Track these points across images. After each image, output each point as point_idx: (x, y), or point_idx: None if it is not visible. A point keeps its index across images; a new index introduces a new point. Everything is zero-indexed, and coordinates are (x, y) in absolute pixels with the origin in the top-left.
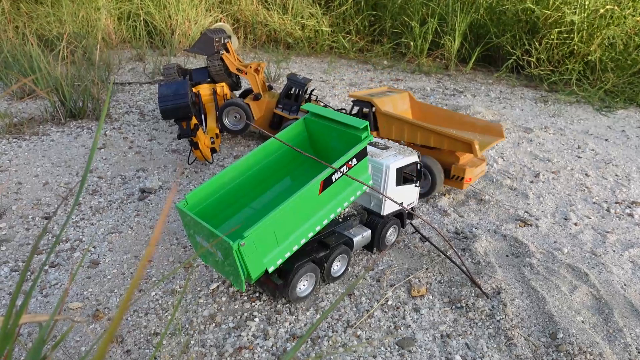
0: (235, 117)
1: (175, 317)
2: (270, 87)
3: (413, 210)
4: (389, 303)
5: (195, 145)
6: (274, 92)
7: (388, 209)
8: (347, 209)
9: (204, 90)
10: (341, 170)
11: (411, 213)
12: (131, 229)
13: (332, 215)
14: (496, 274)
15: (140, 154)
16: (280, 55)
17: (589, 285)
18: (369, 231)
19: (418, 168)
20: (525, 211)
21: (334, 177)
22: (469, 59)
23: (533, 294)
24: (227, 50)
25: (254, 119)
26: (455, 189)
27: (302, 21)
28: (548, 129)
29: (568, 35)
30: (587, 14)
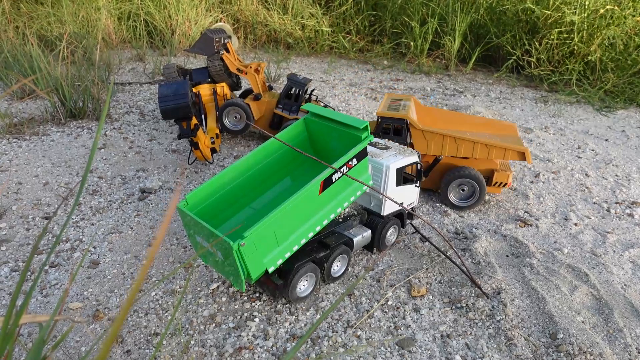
0: (235, 117)
1: (175, 317)
2: (270, 87)
3: (413, 210)
4: (389, 303)
5: (195, 145)
6: (274, 92)
7: (388, 209)
8: (347, 209)
9: (204, 90)
10: (341, 170)
11: (411, 213)
12: (131, 229)
13: (332, 216)
14: (496, 274)
15: (140, 154)
16: (281, 56)
17: (589, 286)
18: (369, 231)
19: (418, 168)
20: (526, 211)
21: (334, 177)
22: (469, 59)
23: (533, 294)
24: (227, 50)
25: (254, 119)
26: None
27: (302, 21)
28: (548, 129)
29: (568, 35)
30: (587, 14)
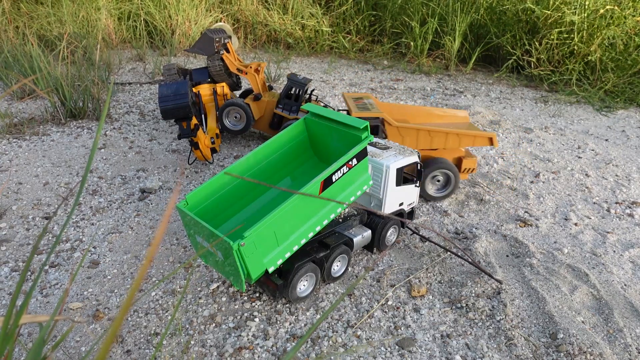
0: (235, 117)
1: (175, 317)
2: (270, 87)
3: (413, 210)
4: (389, 303)
5: (195, 145)
6: (274, 92)
7: (388, 209)
8: (347, 209)
9: (204, 90)
10: (341, 170)
11: (411, 213)
12: (131, 229)
13: (332, 216)
14: (496, 274)
15: (140, 154)
16: (281, 56)
17: (589, 286)
18: (369, 231)
19: (418, 168)
20: (526, 211)
21: (334, 177)
22: (469, 59)
23: (533, 294)
24: (228, 50)
25: (254, 119)
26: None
27: (302, 21)
28: (548, 129)
29: (568, 35)
30: (587, 14)
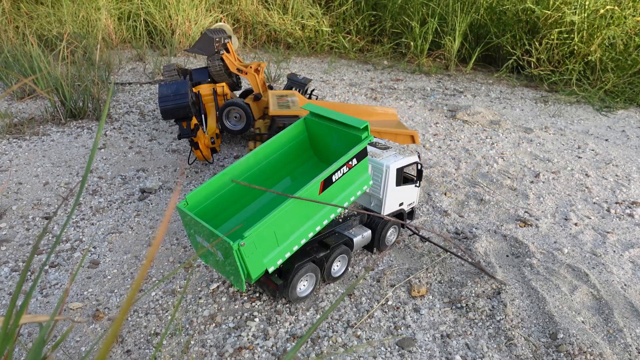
0: (235, 117)
1: (175, 317)
2: (270, 87)
3: (413, 210)
4: (389, 303)
5: (195, 145)
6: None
7: (388, 209)
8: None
9: (204, 90)
10: (341, 170)
11: (411, 213)
12: (131, 229)
13: (332, 216)
14: (496, 274)
15: (140, 154)
16: (281, 55)
17: (589, 286)
18: (369, 231)
19: (419, 168)
20: (526, 211)
21: (334, 177)
22: (469, 59)
23: (533, 294)
24: (228, 50)
25: (254, 119)
26: (455, 189)
27: (302, 21)
28: (548, 129)
29: (568, 35)
30: (587, 14)
